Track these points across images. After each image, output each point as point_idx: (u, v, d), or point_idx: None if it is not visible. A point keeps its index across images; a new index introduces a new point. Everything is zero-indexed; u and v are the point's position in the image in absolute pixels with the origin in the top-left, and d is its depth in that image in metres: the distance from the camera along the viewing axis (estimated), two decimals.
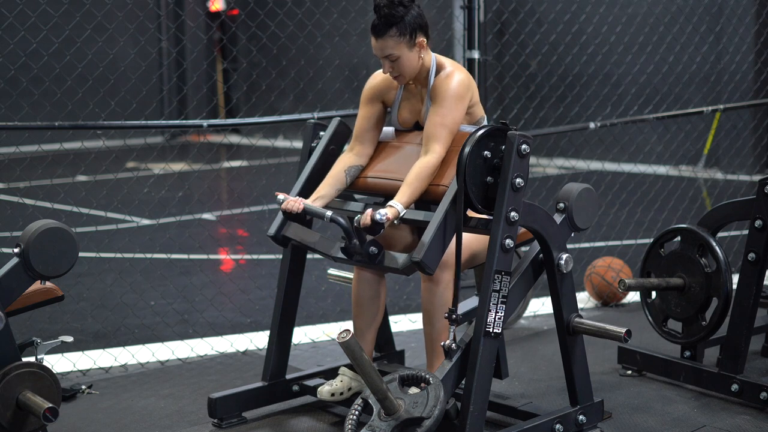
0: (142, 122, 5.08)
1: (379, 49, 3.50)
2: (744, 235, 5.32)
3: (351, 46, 11.28)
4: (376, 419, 3.21)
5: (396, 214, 3.36)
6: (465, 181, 3.26)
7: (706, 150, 11.34)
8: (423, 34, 3.51)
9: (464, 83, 3.49)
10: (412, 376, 3.27)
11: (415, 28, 3.48)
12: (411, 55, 3.50)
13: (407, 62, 3.50)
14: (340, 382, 3.76)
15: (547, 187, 9.18)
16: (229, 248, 7.70)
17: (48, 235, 3.27)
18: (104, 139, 8.75)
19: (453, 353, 3.32)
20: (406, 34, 3.46)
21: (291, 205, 3.53)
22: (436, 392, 3.18)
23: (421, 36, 3.51)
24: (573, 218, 3.53)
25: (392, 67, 3.51)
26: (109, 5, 8.01)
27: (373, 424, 3.20)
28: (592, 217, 3.60)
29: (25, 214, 6.53)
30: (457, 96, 3.46)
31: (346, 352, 3.11)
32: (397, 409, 3.19)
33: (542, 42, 10.55)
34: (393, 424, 3.16)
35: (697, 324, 4.18)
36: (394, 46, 3.47)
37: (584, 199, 3.56)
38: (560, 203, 3.54)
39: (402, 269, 3.37)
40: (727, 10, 10.99)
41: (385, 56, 3.49)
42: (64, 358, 4.63)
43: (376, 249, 3.39)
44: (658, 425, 3.78)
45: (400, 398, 3.23)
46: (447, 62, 3.57)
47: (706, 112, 6.25)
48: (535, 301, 5.48)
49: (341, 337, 3.08)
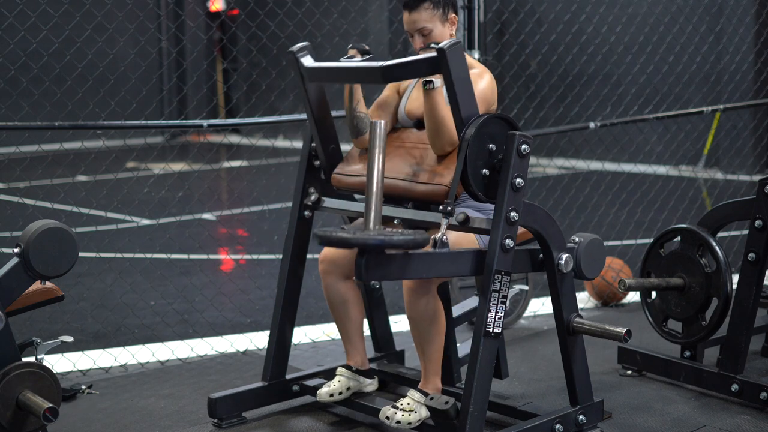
0: (142, 122, 5.08)
1: (411, 22, 3.47)
2: (744, 235, 5.32)
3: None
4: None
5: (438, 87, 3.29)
6: (466, 162, 3.22)
7: (706, 150, 11.34)
8: (454, 11, 3.51)
9: (492, 87, 3.48)
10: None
11: (448, 3, 3.48)
12: (444, 30, 3.49)
13: (439, 36, 3.47)
14: (338, 382, 3.75)
15: (547, 187, 9.18)
16: (229, 248, 7.70)
17: (48, 235, 3.27)
18: (104, 139, 8.74)
19: (441, 246, 3.23)
20: (440, 7, 3.46)
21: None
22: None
23: (453, 12, 3.50)
24: (581, 268, 3.51)
25: (424, 42, 3.48)
26: (109, 5, 8.01)
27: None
28: (599, 268, 3.58)
29: (25, 214, 6.53)
30: (484, 98, 3.44)
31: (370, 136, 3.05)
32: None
33: (542, 42, 10.55)
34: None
35: (697, 324, 4.18)
36: (428, 19, 3.45)
37: (594, 248, 3.54)
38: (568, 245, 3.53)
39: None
40: (727, 10, 10.99)
41: (417, 29, 3.47)
42: (64, 358, 4.63)
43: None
44: (658, 425, 3.78)
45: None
46: (475, 63, 3.55)
47: (706, 112, 6.25)
48: (535, 301, 5.48)
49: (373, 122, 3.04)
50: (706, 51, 10.76)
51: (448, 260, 3.24)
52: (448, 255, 3.23)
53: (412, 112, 3.65)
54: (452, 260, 3.25)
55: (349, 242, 2.98)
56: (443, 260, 3.22)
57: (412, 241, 2.98)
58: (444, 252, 3.21)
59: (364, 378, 3.80)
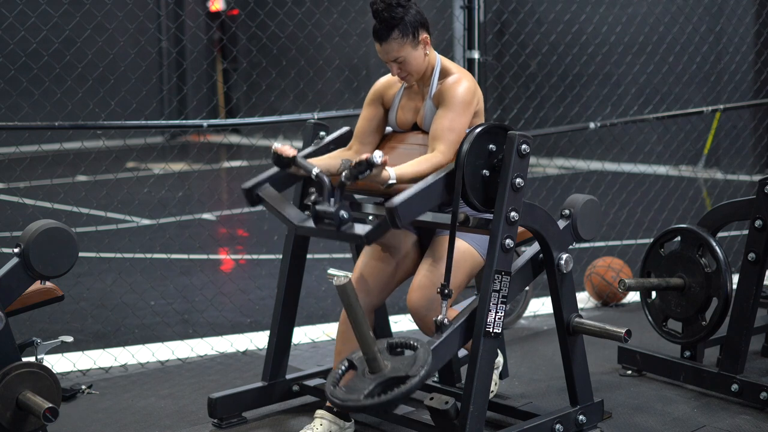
0: (142, 122, 5.08)
1: (384, 53, 3.47)
2: (744, 235, 5.32)
3: (351, 46, 11.28)
4: (360, 377, 3.08)
5: (387, 177, 3.23)
6: (463, 178, 3.24)
7: (706, 150, 11.34)
8: (425, 30, 3.50)
9: (471, 90, 3.47)
10: (401, 342, 3.16)
11: (416, 26, 3.46)
12: (416, 53, 3.48)
13: (414, 61, 3.48)
14: (319, 425, 3.58)
15: (547, 187, 9.17)
16: (229, 248, 7.69)
17: (48, 235, 3.27)
18: (104, 139, 8.74)
19: (444, 328, 3.27)
20: (408, 34, 3.44)
21: (284, 149, 3.43)
22: (425, 355, 3.06)
23: (424, 32, 3.49)
24: (577, 227, 3.52)
25: (400, 69, 3.49)
26: (109, 5, 8.02)
27: (356, 380, 3.07)
28: (595, 228, 3.59)
29: (25, 214, 6.53)
30: (465, 102, 3.43)
31: (342, 298, 2.99)
32: (382, 368, 3.06)
33: (542, 42, 10.55)
34: (377, 380, 3.03)
35: (697, 324, 4.18)
36: (398, 49, 3.44)
37: (589, 209, 3.56)
38: (565, 210, 3.54)
39: (365, 237, 3.21)
40: (727, 10, 10.99)
41: (391, 60, 3.47)
42: (64, 358, 4.63)
43: (346, 214, 3.20)
44: (658, 425, 3.78)
45: (387, 360, 3.11)
46: (454, 67, 3.54)
47: (706, 112, 6.24)
48: (535, 301, 5.48)
49: (339, 280, 2.97)
50: (706, 51, 10.76)
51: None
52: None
53: (404, 121, 3.65)
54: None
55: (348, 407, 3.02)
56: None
57: (406, 394, 3.00)
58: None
59: (344, 421, 3.65)
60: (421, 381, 3.00)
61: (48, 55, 6.59)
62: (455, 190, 3.26)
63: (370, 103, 3.69)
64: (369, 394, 2.99)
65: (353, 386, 3.05)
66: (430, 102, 3.53)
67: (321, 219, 3.26)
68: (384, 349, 3.15)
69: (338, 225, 3.20)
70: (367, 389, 3.00)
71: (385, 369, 3.06)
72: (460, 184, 3.25)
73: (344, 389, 3.05)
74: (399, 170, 3.29)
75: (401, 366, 3.06)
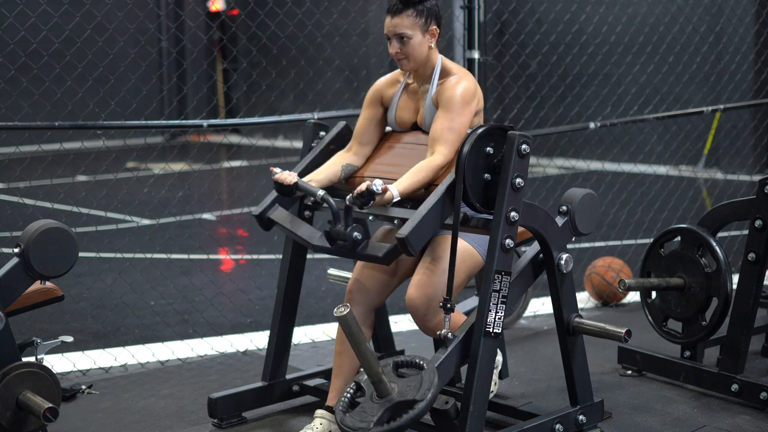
0: (142, 122, 5.08)
1: (392, 26, 3.48)
2: (744, 235, 5.32)
3: (351, 46, 11.28)
4: (368, 401, 3.13)
5: (390, 197, 3.29)
6: (464, 179, 3.25)
7: (706, 150, 11.34)
8: (437, 23, 3.52)
9: (471, 90, 3.47)
10: (407, 361, 3.21)
11: (431, 15, 3.49)
12: (423, 40, 3.49)
13: (417, 46, 3.48)
14: (319, 425, 3.56)
15: (547, 187, 9.17)
16: (229, 248, 7.69)
17: (48, 235, 3.27)
18: (104, 139, 8.74)
19: (449, 342, 3.29)
20: (422, 17, 3.46)
21: (284, 177, 3.48)
22: (431, 377, 3.12)
23: (435, 25, 3.51)
24: (575, 222, 3.53)
25: (401, 48, 3.48)
26: (109, 5, 8.01)
27: (365, 405, 3.13)
28: (593, 222, 3.60)
29: (25, 214, 6.54)
30: (465, 102, 3.44)
31: (343, 328, 3.05)
32: (390, 391, 3.12)
33: (542, 42, 10.55)
34: (385, 405, 3.09)
35: (697, 324, 4.18)
36: (409, 26, 3.46)
37: (587, 203, 3.56)
38: (563, 206, 3.55)
39: (383, 257, 3.28)
40: (727, 10, 10.99)
41: (396, 34, 3.47)
42: (64, 358, 4.63)
43: (360, 235, 3.30)
44: (658, 425, 3.78)
45: (393, 382, 3.16)
46: (455, 68, 3.55)
47: (706, 112, 6.25)
48: (535, 301, 5.48)
49: (339, 311, 3.03)
50: (706, 51, 10.76)
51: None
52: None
53: (403, 120, 3.65)
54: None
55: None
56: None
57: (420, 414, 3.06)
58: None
59: None
60: (428, 405, 3.07)
61: (48, 55, 6.60)
62: (456, 193, 3.26)
63: (370, 103, 3.70)
64: (378, 422, 3.06)
65: (362, 411, 3.12)
66: (430, 102, 3.53)
67: (334, 240, 3.37)
68: (389, 370, 3.21)
69: (352, 246, 3.31)
70: (376, 416, 3.07)
71: (392, 392, 3.13)
72: (461, 185, 3.25)
73: (354, 417, 3.11)
74: (401, 186, 3.33)
75: (408, 389, 3.12)
